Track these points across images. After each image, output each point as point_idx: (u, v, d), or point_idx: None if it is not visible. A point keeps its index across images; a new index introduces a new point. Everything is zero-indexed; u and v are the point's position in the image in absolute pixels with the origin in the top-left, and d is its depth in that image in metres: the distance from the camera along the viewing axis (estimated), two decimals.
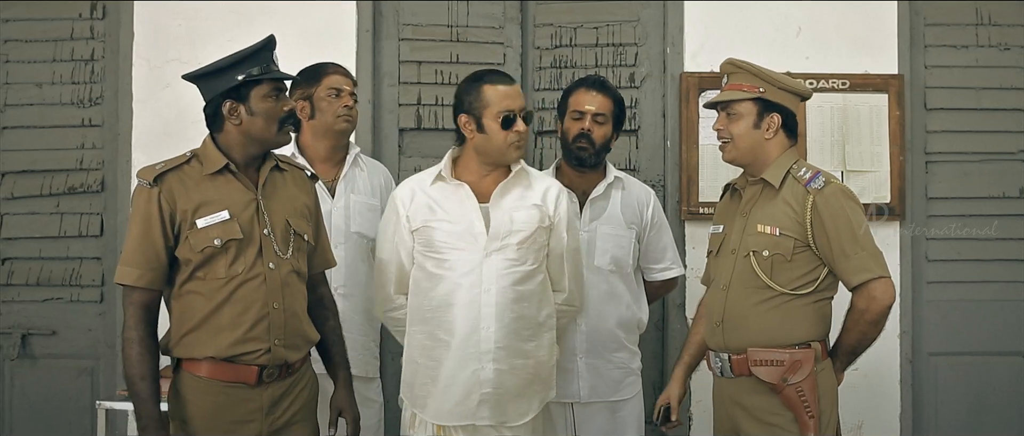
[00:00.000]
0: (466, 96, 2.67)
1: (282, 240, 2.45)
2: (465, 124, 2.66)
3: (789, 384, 2.51)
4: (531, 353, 2.66)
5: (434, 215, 2.65)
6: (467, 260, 2.61)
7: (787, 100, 2.66)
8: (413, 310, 2.69)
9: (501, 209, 2.65)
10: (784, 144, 2.66)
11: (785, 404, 2.53)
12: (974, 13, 3.75)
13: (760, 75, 2.64)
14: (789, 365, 2.52)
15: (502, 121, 2.62)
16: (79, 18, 3.69)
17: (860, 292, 2.52)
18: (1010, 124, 3.75)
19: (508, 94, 2.65)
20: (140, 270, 2.34)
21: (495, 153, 2.66)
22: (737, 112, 2.65)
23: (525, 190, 2.71)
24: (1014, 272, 3.75)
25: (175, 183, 2.38)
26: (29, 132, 3.69)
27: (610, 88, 3.07)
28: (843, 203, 2.54)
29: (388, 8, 3.72)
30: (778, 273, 2.57)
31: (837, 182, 2.60)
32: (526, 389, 2.67)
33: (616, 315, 3.01)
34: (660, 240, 3.13)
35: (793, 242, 2.55)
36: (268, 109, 2.41)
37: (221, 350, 2.36)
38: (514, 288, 2.62)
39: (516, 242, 2.63)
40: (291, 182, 2.56)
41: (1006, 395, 3.75)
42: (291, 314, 2.44)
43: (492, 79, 2.68)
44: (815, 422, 2.49)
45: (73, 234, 3.68)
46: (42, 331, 3.70)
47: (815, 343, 2.55)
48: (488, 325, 2.59)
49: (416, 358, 2.67)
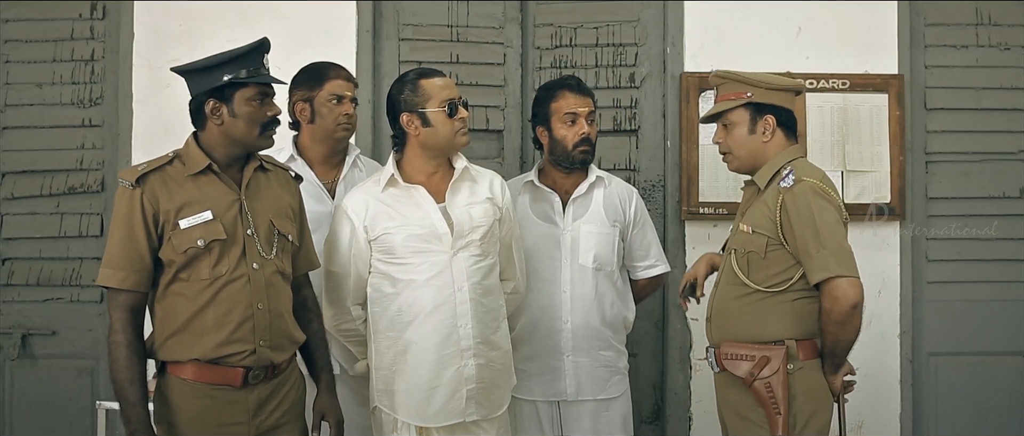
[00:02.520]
0: (403, 95, 2.67)
1: (266, 240, 2.44)
2: (408, 122, 2.66)
3: (757, 379, 2.53)
4: (498, 344, 2.70)
5: (393, 221, 2.64)
6: (434, 262, 2.62)
7: (779, 99, 2.65)
8: (378, 318, 2.67)
9: (458, 207, 2.67)
10: (783, 143, 2.67)
11: (756, 400, 2.55)
12: (974, 13, 3.75)
13: (745, 80, 2.65)
14: (757, 361, 2.54)
15: (448, 109, 2.63)
16: (79, 18, 3.69)
17: (823, 291, 2.50)
18: (1010, 124, 3.74)
19: (446, 84, 2.69)
20: (124, 272, 2.33)
21: (444, 143, 2.66)
22: (731, 121, 2.68)
23: (473, 185, 2.73)
24: (1014, 272, 3.75)
25: (157, 184, 2.36)
26: (29, 132, 3.69)
27: (587, 86, 3.09)
28: (810, 201, 2.51)
29: (388, 8, 3.72)
30: (754, 271, 2.60)
31: (810, 180, 2.55)
32: (500, 379, 2.71)
33: (601, 313, 3.02)
34: (644, 237, 3.14)
35: (766, 240, 2.57)
36: (250, 113, 2.40)
37: (206, 352, 2.34)
38: (482, 283, 2.66)
39: (479, 238, 2.66)
40: (275, 182, 2.55)
41: (1006, 395, 3.75)
42: (276, 315, 2.42)
43: (427, 74, 2.71)
44: (781, 419, 2.50)
45: (73, 234, 3.68)
46: (42, 331, 3.70)
47: (790, 341, 2.55)
48: (466, 322, 2.61)
49: (388, 365, 2.66)
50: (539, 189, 3.06)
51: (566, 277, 3.00)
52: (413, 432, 2.64)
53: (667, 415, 3.69)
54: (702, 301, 2.93)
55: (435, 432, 2.64)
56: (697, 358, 3.65)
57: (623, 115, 3.72)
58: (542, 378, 3.00)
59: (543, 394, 3.00)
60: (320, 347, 2.63)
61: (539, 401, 3.00)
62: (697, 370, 3.65)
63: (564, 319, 2.99)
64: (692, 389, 3.65)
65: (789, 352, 2.54)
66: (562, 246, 3.01)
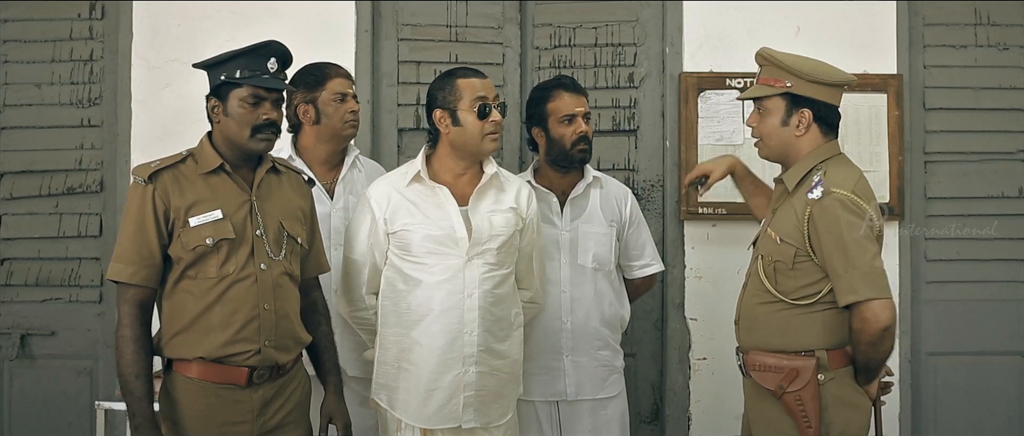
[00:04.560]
0: (440, 92, 2.67)
1: (275, 242, 2.44)
2: (440, 119, 2.66)
3: (787, 392, 2.45)
4: (505, 353, 2.68)
5: (413, 218, 2.63)
6: (447, 265, 2.61)
7: (820, 93, 2.51)
8: (387, 312, 2.67)
9: (479, 213, 2.65)
10: (818, 140, 2.54)
11: (786, 411, 2.47)
12: (973, 13, 3.75)
13: (787, 67, 2.51)
14: (786, 373, 2.45)
15: (478, 111, 2.62)
16: (78, 18, 3.69)
17: (853, 313, 2.40)
18: (1009, 124, 3.74)
19: (482, 85, 2.66)
20: (134, 267, 2.34)
21: (471, 145, 2.65)
22: (766, 108, 2.57)
23: (499, 193, 2.71)
24: (1014, 272, 3.75)
25: (169, 181, 2.38)
26: (28, 132, 3.69)
27: (580, 85, 3.09)
28: (838, 216, 2.39)
29: (387, 8, 3.72)
30: (782, 281, 2.50)
31: (839, 192, 2.42)
32: (504, 389, 2.69)
33: (600, 313, 3.03)
34: (639, 237, 3.14)
35: (794, 251, 2.47)
36: (242, 115, 2.39)
37: (211, 351, 2.35)
38: (493, 292, 2.63)
39: (496, 247, 2.64)
40: (287, 185, 2.55)
41: (1006, 395, 3.75)
42: (282, 315, 2.43)
43: (465, 73, 2.70)
44: (813, 433, 2.43)
45: (72, 234, 3.68)
46: (41, 331, 3.70)
47: (821, 352, 2.45)
48: (472, 329, 2.60)
49: (393, 361, 2.66)
50: (536, 190, 3.06)
51: (565, 277, 3.00)
52: (417, 434, 2.63)
53: (666, 415, 3.69)
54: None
55: (440, 434, 2.64)
56: (696, 358, 3.65)
57: (622, 115, 3.72)
58: (541, 378, 3.00)
59: (542, 394, 3.00)
60: (329, 350, 2.63)
61: (538, 401, 3.00)
62: (696, 370, 3.65)
63: (563, 319, 2.99)
64: (691, 389, 3.65)
65: (820, 362, 2.44)
66: (561, 246, 3.01)
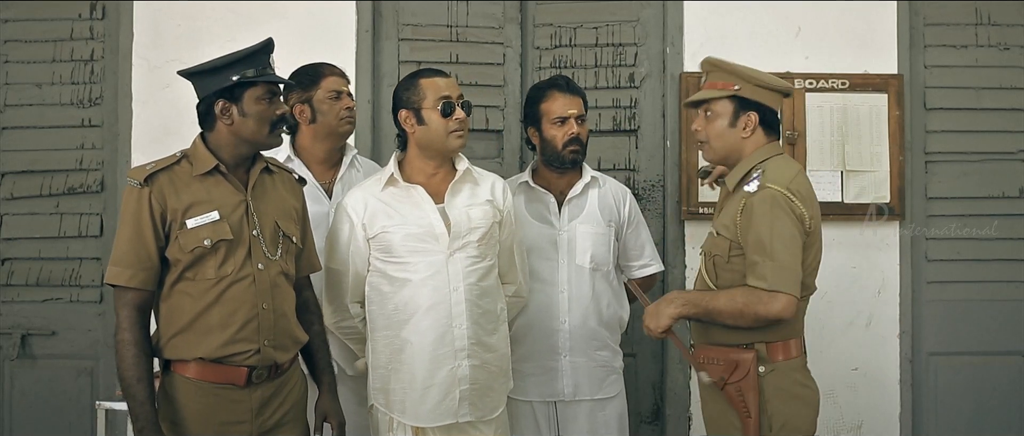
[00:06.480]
0: (404, 92, 2.70)
1: (271, 241, 2.46)
2: (405, 119, 2.69)
3: (728, 383, 2.51)
4: (495, 346, 2.70)
5: (391, 220, 2.65)
6: (430, 262, 2.63)
7: (766, 97, 2.60)
8: (375, 316, 2.69)
9: (457, 208, 2.68)
10: (761, 141, 2.61)
11: (728, 402, 2.54)
12: (974, 13, 3.75)
13: (736, 73, 2.60)
14: (725, 364, 2.52)
15: (442, 109, 2.64)
16: (79, 18, 3.69)
17: (752, 289, 2.46)
18: (1010, 124, 3.75)
19: (445, 84, 2.69)
20: (132, 270, 2.34)
21: (437, 143, 2.67)
22: (713, 111, 2.62)
23: (474, 187, 2.74)
24: (1014, 272, 3.75)
25: (165, 183, 2.38)
26: (29, 132, 3.69)
27: (577, 86, 3.09)
28: (767, 210, 2.45)
29: (388, 8, 3.72)
30: (721, 275, 2.58)
31: (773, 188, 2.47)
32: (494, 382, 2.71)
33: (598, 313, 3.03)
34: (638, 237, 3.15)
35: (729, 244, 2.54)
36: (261, 111, 2.41)
37: (210, 351, 2.36)
38: (478, 284, 2.66)
39: (476, 239, 2.66)
40: (280, 184, 2.57)
41: (1006, 395, 3.75)
42: (280, 315, 2.44)
43: (428, 73, 2.73)
44: (751, 423, 2.49)
45: (73, 234, 3.68)
46: (42, 331, 3.70)
47: (760, 345, 2.51)
48: (461, 323, 2.62)
49: (385, 364, 2.67)
50: (534, 190, 3.06)
51: (563, 277, 3.00)
52: (409, 433, 2.65)
53: (666, 415, 3.69)
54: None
55: (431, 432, 2.65)
56: None
57: (623, 115, 3.72)
58: (539, 378, 3.00)
59: (540, 394, 3.00)
60: (321, 349, 2.64)
61: (536, 401, 3.00)
62: None
63: (561, 319, 2.99)
64: (691, 389, 3.65)
65: (759, 355, 2.51)
66: (559, 246, 3.01)
